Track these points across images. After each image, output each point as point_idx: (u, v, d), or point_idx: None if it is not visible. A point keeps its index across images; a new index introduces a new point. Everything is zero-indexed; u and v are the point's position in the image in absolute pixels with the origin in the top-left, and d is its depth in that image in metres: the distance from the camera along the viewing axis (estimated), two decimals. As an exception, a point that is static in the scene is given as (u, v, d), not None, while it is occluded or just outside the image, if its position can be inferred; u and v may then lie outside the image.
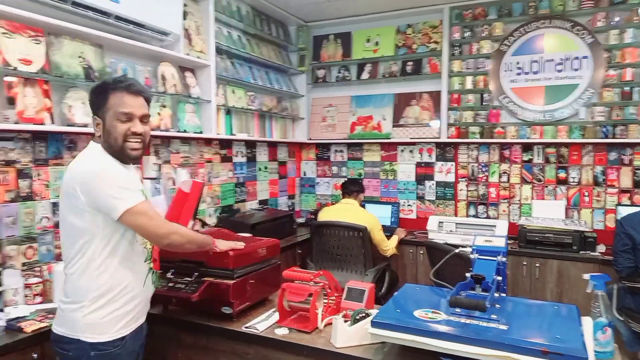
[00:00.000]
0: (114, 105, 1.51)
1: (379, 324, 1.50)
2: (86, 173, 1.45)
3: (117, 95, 1.51)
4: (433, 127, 3.95)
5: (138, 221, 1.45)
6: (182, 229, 1.60)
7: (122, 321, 1.51)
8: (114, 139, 1.51)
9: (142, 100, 1.56)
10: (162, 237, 1.50)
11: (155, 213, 1.50)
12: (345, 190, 3.55)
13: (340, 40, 4.30)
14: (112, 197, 1.42)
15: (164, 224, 1.52)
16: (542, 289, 3.28)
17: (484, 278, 1.58)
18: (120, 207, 1.42)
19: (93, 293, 1.45)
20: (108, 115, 1.51)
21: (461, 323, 1.46)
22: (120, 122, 1.51)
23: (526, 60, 3.61)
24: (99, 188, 1.42)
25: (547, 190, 3.70)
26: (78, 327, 1.45)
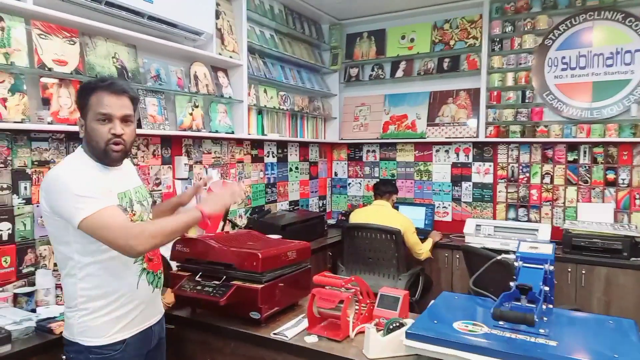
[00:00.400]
0: (94, 105, 1.45)
1: (415, 336, 1.41)
2: (49, 179, 1.41)
3: (97, 95, 1.45)
4: (470, 126, 3.79)
5: (97, 233, 1.35)
6: (149, 228, 1.41)
7: (118, 324, 1.47)
8: (95, 141, 1.45)
9: (125, 100, 1.49)
10: (125, 248, 1.35)
11: (115, 220, 1.36)
12: (377, 191, 3.45)
13: (374, 37, 4.20)
14: (69, 206, 1.35)
15: (125, 232, 1.35)
16: (588, 298, 3.09)
17: (531, 288, 1.46)
18: (77, 217, 1.34)
19: (81, 298, 1.43)
20: (89, 116, 1.46)
21: (505, 338, 1.35)
22: (99, 124, 1.44)
23: (572, 54, 3.41)
24: (56, 196, 1.37)
25: (594, 193, 3.48)
26: (75, 331, 1.44)
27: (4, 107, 1.87)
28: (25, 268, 2.02)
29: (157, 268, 1.63)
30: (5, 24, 1.86)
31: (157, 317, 1.64)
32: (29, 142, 2.05)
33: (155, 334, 1.62)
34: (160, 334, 1.66)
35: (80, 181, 1.38)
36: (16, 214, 1.99)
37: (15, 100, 1.90)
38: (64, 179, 1.38)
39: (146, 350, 1.57)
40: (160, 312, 1.68)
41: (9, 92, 1.89)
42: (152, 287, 1.59)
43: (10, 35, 1.88)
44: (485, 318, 1.48)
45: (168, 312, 1.94)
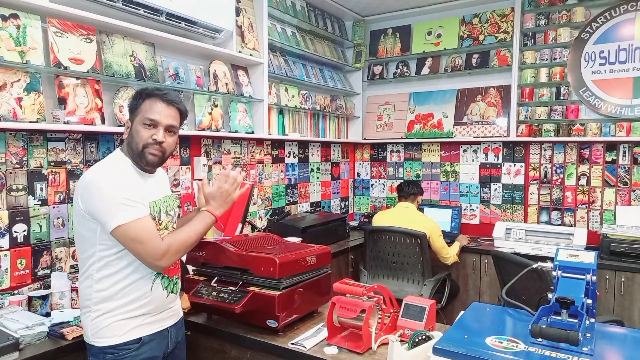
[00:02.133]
0: (144, 110, 1.50)
1: (443, 352, 1.29)
2: (89, 180, 1.42)
3: (150, 102, 1.51)
4: (500, 125, 3.62)
5: (128, 242, 1.40)
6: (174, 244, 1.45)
7: (132, 323, 1.46)
8: (135, 143, 1.49)
9: (174, 111, 1.54)
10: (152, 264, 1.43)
11: (149, 234, 1.41)
12: (401, 193, 3.32)
13: (399, 34, 4.07)
14: (105, 210, 1.38)
15: (154, 248, 1.41)
16: (629, 308, 2.90)
17: (574, 302, 1.32)
18: (112, 223, 1.37)
19: (95, 299, 1.44)
20: (136, 119, 1.51)
21: (545, 357, 1.22)
22: (144, 128, 1.49)
23: (612, 48, 3.21)
24: (95, 198, 1.39)
25: (635, 195, 3.27)
26: (89, 333, 1.45)
27: (19, 107, 1.84)
28: (40, 270, 2.00)
29: (174, 273, 1.62)
30: (21, 22, 1.84)
31: (173, 320, 1.62)
32: (45, 142, 2.02)
33: (172, 336, 1.60)
34: (177, 337, 1.64)
35: (121, 185, 1.41)
36: (32, 216, 1.97)
37: (30, 99, 1.87)
38: (104, 181, 1.40)
39: (162, 353, 1.55)
40: (177, 314, 1.66)
41: (25, 92, 1.86)
42: (167, 292, 1.57)
43: (26, 33, 1.85)
44: (520, 333, 1.36)
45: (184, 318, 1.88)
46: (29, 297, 1.87)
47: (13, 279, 1.91)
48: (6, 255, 1.89)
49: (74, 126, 2.01)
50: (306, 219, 3.32)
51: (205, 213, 1.57)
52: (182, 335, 1.68)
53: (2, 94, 1.80)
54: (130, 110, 1.54)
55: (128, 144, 1.52)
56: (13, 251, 1.91)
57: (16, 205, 1.93)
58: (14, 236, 1.92)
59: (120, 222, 1.37)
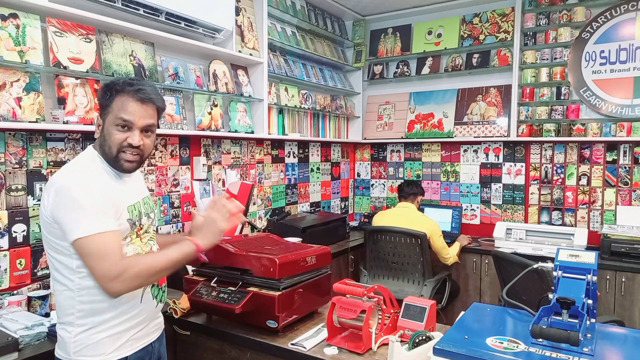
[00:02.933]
0: (116, 109, 1.33)
1: (444, 352, 1.28)
2: (60, 185, 1.26)
3: (122, 99, 1.33)
4: (501, 125, 3.62)
5: (84, 257, 1.24)
6: (134, 268, 1.26)
7: (119, 341, 1.34)
8: (108, 146, 1.34)
9: (150, 109, 1.38)
10: (103, 285, 1.25)
11: (107, 251, 1.24)
12: (401, 193, 3.31)
13: (399, 33, 4.07)
14: (70, 220, 1.23)
15: (108, 268, 1.23)
16: (629, 308, 2.89)
17: (574, 302, 1.32)
18: (74, 234, 1.23)
19: (79, 312, 1.29)
20: (108, 119, 1.34)
21: (546, 357, 1.22)
22: (117, 130, 1.33)
23: (612, 48, 3.20)
24: (63, 205, 1.24)
25: (636, 195, 3.26)
26: (71, 350, 1.30)
27: (18, 107, 1.83)
28: (40, 271, 1.99)
29: (162, 281, 1.51)
30: (20, 22, 1.83)
31: (157, 334, 1.51)
32: (44, 142, 2.01)
33: (156, 351, 1.50)
34: (160, 351, 1.54)
35: (92, 194, 1.26)
36: (31, 216, 1.96)
37: (30, 99, 1.87)
38: (75, 187, 1.26)
39: None
40: (161, 327, 1.55)
41: (24, 91, 1.86)
42: (156, 302, 1.47)
43: (26, 33, 1.85)
44: (521, 333, 1.35)
45: (183, 319, 1.88)
46: (28, 297, 1.86)
47: (12, 279, 1.90)
48: (5, 256, 1.89)
49: (73, 126, 2.00)
50: (306, 219, 3.32)
51: (187, 242, 1.38)
52: (164, 348, 1.59)
53: (2, 94, 1.79)
54: (101, 106, 1.36)
55: (100, 146, 1.36)
56: (12, 251, 1.90)
57: (15, 205, 1.92)
58: (14, 236, 1.91)
59: (81, 234, 1.22)
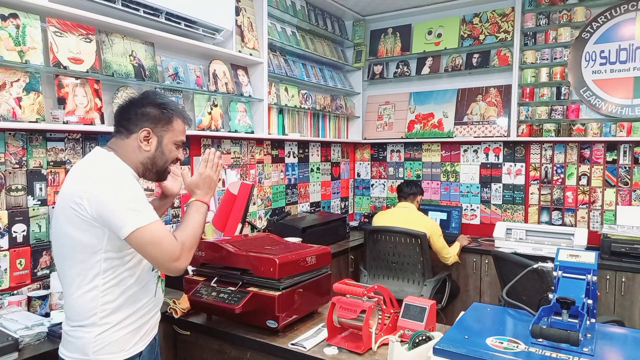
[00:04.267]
0: (177, 130, 1.48)
1: (444, 352, 1.29)
2: (98, 183, 1.30)
3: (179, 122, 1.50)
4: (501, 125, 3.62)
5: (144, 246, 1.30)
6: (185, 243, 1.37)
7: (136, 336, 1.40)
8: (164, 160, 1.47)
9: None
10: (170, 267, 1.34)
11: (163, 235, 1.33)
12: (400, 193, 3.31)
13: (399, 33, 4.07)
14: (122, 214, 1.28)
15: (171, 251, 1.33)
16: (629, 308, 2.89)
17: (574, 302, 1.32)
18: (128, 227, 1.27)
19: (102, 312, 1.33)
20: (167, 136, 1.46)
21: (546, 357, 1.22)
22: (176, 147, 1.50)
23: (612, 48, 3.20)
24: (110, 201, 1.28)
25: (635, 195, 3.26)
26: (91, 350, 1.32)
27: (18, 107, 1.83)
28: (40, 271, 1.99)
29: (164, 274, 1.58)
30: (20, 22, 1.83)
31: (157, 328, 1.56)
32: (44, 142, 2.01)
33: (157, 344, 1.56)
34: (158, 342, 1.59)
35: (132, 190, 1.34)
36: (31, 216, 1.96)
37: (30, 99, 1.87)
38: (121, 185, 1.32)
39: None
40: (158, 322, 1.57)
41: (24, 91, 1.85)
42: (163, 294, 1.56)
43: (26, 33, 1.85)
44: (521, 333, 1.35)
45: (183, 318, 1.88)
46: (28, 297, 1.86)
47: (12, 279, 1.90)
48: (5, 256, 1.88)
49: (73, 126, 2.00)
50: (306, 219, 3.32)
51: (197, 203, 1.50)
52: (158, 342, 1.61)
53: (2, 94, 1.79)
54: (157, 121, 1.44)
55: (153, 159, 1.44)
56: (12, 251, 1.90)
57: (15, 205, 1.92)
58: (13, 236, 1.91)
59: (136, 225, 1.28)
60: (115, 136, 1.45)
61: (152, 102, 1.46)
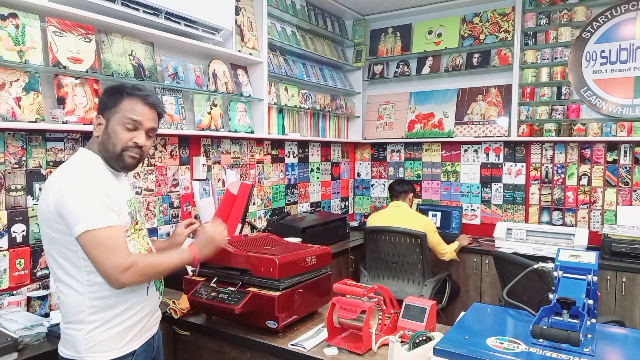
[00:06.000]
0: (125, 110, 1.41)
1: (444, 352, 1.28)
2: (61, 182, 1.32)
3: (131, 101, 1.43)
4: (501, 125, 3.61)
5: (91, 250, 1.28)
6: (141, 263, 1.33)
7: (128, 335, 1.40)
8: (113, 144, 1.41)
9: (155, 113, 1.48)
10: (111, 277, 1.29)
11: (117, 244, 1.30)
12: (392, 192, 3.31)
13: (400, 33, 4.06)
14: (76, 214, 1.27)
15: (117, 260, 1.29)
16: (630, 308, 2.88)
17: (575, 303, 1.31)
18: (80, 227, 1.27)
19: (89, 309, 1.33)
20: (114, 118, 1.41)
21: (546, 357, 1.21)
22: (124, 129, 1.41)
23: (613, 48, 3.19)
24: (67, 200, 1.28)
25: (636, 195, 3.26)
26: (82, 348, 1.34)
27: (18, 107, 1.83)
28: (39, 271, 1.99)
29: None
30: (20, 21, 1.83)
31: (156, 327, 1.57)
32: (44, 142, 2.01)
33: (156, 343, 1.56)
34: (159, 342, 1.59)
35: (97, 189, 1.32)
36: (30, 216, 1.96)
37: (29, 99, 1.87)
38: (78, 181, 1.31)
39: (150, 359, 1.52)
40: (159, 321, 1.59)
41: (24, 91, 1.85)
42: (159, 294, 1.55)
43: (25, 32, 1.84)
44: (521, 334, 1.35)
45: (183, 319, 1.88)
46: (27, 297, 1.86)
47: (12, 279, 1.90)
48: (5, 256, 1.88)
49: (72, 126, 2.00)
50: (306, 219, 3.31)
51: (187, 251, 1.49)
52: (161, 340, 1.63)
53: (1, 94, 1.79)
54: (105, 106, 1.43)
55: (102, 144, 1.42)
56: (12, 251, 1.90)
57: (15, 205, 1.92)
58: (13, 236, 1.91)
59: (88, 227, 1.26)
60: None
61: (104, 90, 1.48)
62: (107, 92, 1.46)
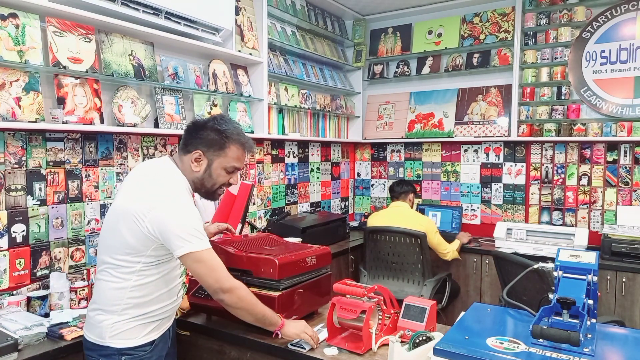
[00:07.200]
0: (231, 157, 1.53)
1: (444, 352, 1.28)
2: (162, 205, 1.40)
3: (236, 148, 1.54)
4: (501, 125, 3.61)
5: (197, 268, 1.42)
6: (243, 292, 1.49)
7: (150, 326, 1.49)
8: (212, 184, 1.55)
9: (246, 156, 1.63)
10: (216, 291, 1.45)
11: (217, 264, 1.45)
12: (392, 193, 3.32)
13: (400, 33, 4.06)
14: (179, 238, 1.38)
15: (224, 279, 1.45)
16: (630, 308, 2.88)
17: (575, 303, 1.31)
18: (184, 250, 1.39)
19: (125, 305, 1.43)
20: (218, 161, 1.53)
21: (546, 357, 1.21)
22: (226, 173, 1.55)
23: (613, 48, 3.19)
24: (170, 225, 1.38)
25: (636, 195, 3.26)
26: (106, 334, 1.43)
27: (18, 107, 1.83)
28: (39, 271, 1.99)
29: (187, 282, 1.78)
30: (20, 21, 1.83)
31: (172, 320, 1.65)
32: (43, 142, 2.01)
33: (171, 335, 1.64)
34: (173, 332, 1.68)
35: (193, 214, 1.43)
36: (30, 216, 1.96)
37: (29, 99, 1.87)
38: (182, 211, 1.41)
39: (165, 350, 1.58)
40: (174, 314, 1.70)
41: (23, 91, 1.85)
42: (183, 297, 1.69)
43: (25, 32, 1.84)
44: (521, 334, 1.35)
45: (183, 319, 1.88)
46: (27, 297, 1.86)
47: (12, 279, 1.90)
48: (5, 256, 1.88)
49: (72, 126, 2.00)
50: (306, 219, 3.31)
51: (278, 318, 1.59)
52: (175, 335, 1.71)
53: (1, 94, 1.79)
54: (209, 145, 1.51)
55: (201, 180, 1.53)
56: (12, 251, 1.90)
57: (15, 205, 1.92)
58: (13, 236, 1.91)
59: (192, 249, 1.38)
60: (180, 150, 1.56)
61: (212, 126, 1.53)
62: (215, 131, 1.52)
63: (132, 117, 2.26)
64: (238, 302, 1.48)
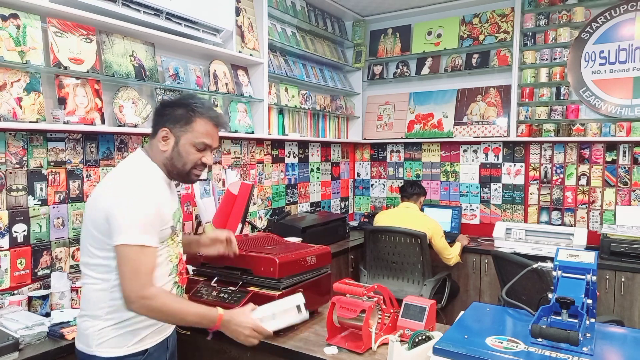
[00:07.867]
0: (197, 131, 1.44)
1: (443, 352, 1.29)
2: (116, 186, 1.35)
3: (204, 122, 1.45)
4: (500, 125, 3.62)
5: (122, 264, 1.30)
6: (160, 302, 1.32)
7: (141, 334, 1.40)
8: (183, 163, 1.45)
9: (218, 132, 1.53)
10: (128, 298, 1.31)
11: (146, 269, 1.31)
12: (403, 193, 3.32)
13: (399, 33, 4.07)
14: (119, 226, 1.29)
15: (141, 285, 1.29)
16: (628, 308, 2.89)
17: (574, 302, 1.32)
18: (118, 238, 1.29)
19: (108, 307, 1.35)
20: (186, 137, 1.44)
21: (545, 357, 1.22)
22: (195, 150, 1.45)
23: (612, 48, 3.20)
24: (115, 208, 1.31)
25: (635, 195, 3.27)
26: (93, 343, 1.36)
27: (19, 107, 1.84)
28: (40, 270, 1.99)
29: (184, 282, 1.60)
30: (21, 22, 1.84)
31: (172, 328, 1.58)
32: (45, 142, 2.01)
33: (170, 346, 1.56)
34: (173, 344, 1.60)
35: (147, 205, 1.34)
36: (31, 216, 1.96)
37: (30, 99, 1.87)
38: (134, 193, 1.34)
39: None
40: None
41: (25, 92, 1.86)
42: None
43: (26, 33, 1.85)
44: (520, 333, 1.35)
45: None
46: (28, 297, 1.86)
47: (13, 279, 1.90)
48: (6, 255, 1.89)
49: (73, 126, 2.00)
50: (306, 219, 3.32)
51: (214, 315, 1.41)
52: (176, 343, 1.64)
53: (2, 94, 1.79)
54: (174, 121, 1.43)
55: (170, 160, 1.44)
56: (13, 251, 1.91)
57: (16, 205, 1.92)
58: (14, 236, 1.91)
59: (126, 240, 1.29)
60: (150, 137, 1.49)
61: (178, 101, 1.47)
62: (176, 106, 1.45)
63: (133, 118, 2.26)
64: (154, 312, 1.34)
